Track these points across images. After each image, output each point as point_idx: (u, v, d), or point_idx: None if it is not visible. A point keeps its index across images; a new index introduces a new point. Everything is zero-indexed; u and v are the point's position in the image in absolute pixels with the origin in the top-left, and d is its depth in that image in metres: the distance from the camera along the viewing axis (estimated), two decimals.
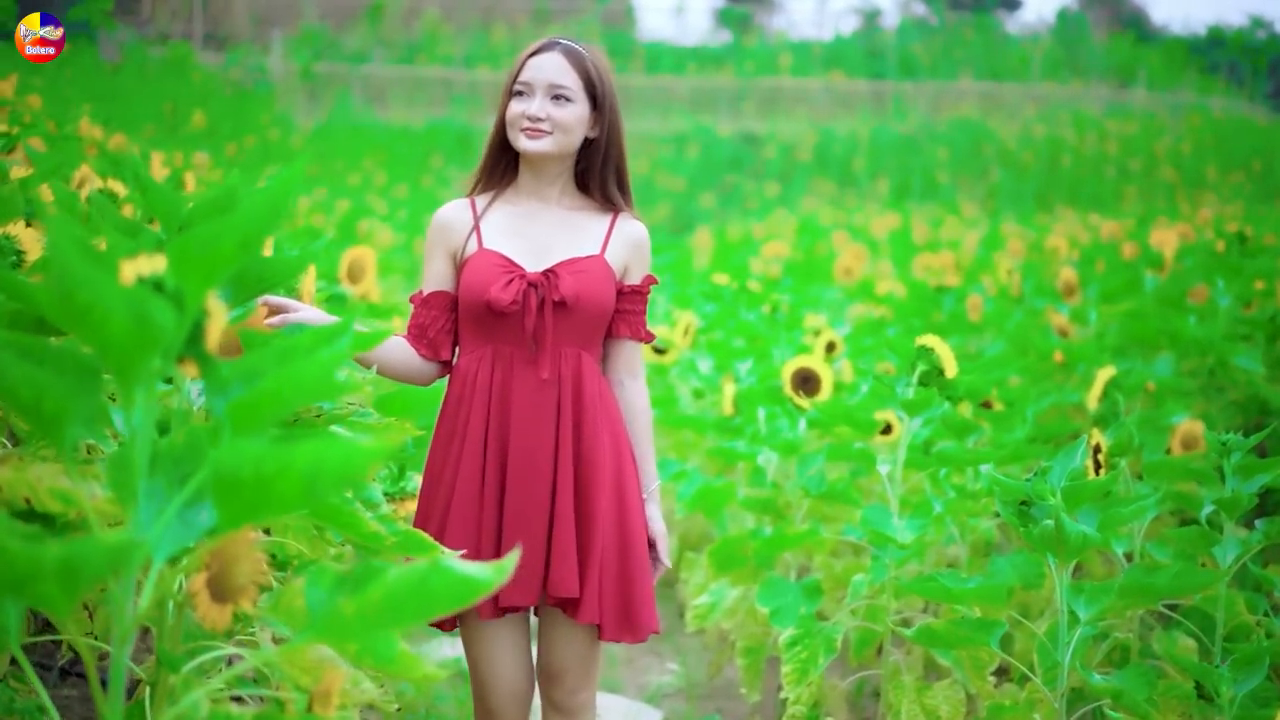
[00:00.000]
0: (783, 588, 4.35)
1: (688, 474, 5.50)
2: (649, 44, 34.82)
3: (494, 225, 3.21)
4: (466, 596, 1.78)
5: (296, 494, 1.65)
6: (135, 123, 16.56)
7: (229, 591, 2.10)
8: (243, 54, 26.80)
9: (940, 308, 9.05)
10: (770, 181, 26.02)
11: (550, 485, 3.10)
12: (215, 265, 1.70)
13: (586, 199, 3.26)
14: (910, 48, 33.54)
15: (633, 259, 3.23)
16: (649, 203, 23.89)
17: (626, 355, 3.26)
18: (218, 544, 2.10)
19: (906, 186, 25.32)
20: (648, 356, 6.76)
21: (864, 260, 12.57)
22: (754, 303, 7.77)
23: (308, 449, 1.61)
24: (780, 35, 38.16)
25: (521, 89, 3.14)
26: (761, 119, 29.94)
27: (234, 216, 1.69)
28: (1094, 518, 3.17)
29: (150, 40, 26.67)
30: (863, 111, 30.27)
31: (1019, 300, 9.05)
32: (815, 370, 4.74)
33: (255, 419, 1.77)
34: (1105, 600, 3.15)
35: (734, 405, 5.36)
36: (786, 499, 4.95)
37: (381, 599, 1.75)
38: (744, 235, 17.99)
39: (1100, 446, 3.81)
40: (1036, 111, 29.27)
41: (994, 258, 12.55)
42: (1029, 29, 41.99)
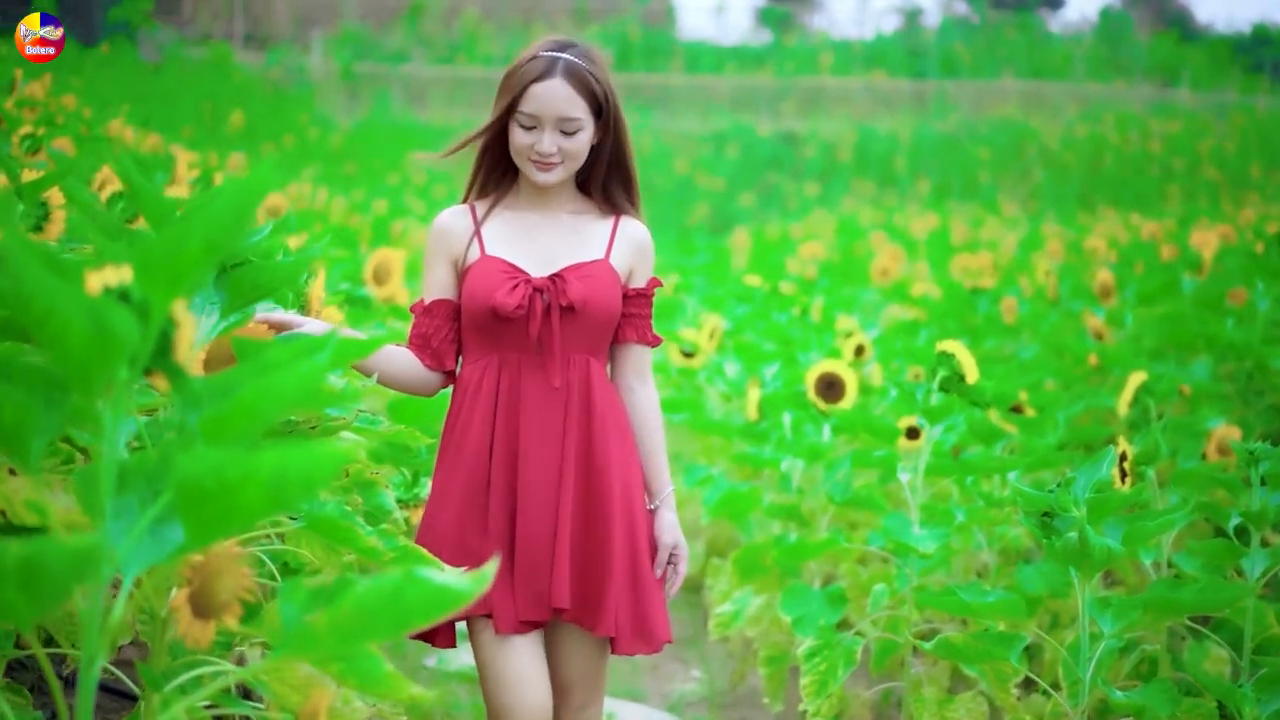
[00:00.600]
0: (806, 596, 4.27)
1: (713, 479, 5.43)
2: (689, 43, 34.74)
3: (496, 231, 3.14)
4: (443, 608, 1.72)
5: (262, 502, 1.59)
6: (174, 123, 16.61)
7: (212, 607, 2.05)
8: (283, 54, 26.88)
9: (975, 310, 8.95)
10: (810, 181, 25.92)
11: (556, 494, 3.03)
12: (179, 272, 1.64)
13: (589, 202, 3.19)
14: (952, 47, 33.33)
15: (637, 262, 3.17)
16: (688, 203, 23.84)
17: (634, 360, 3.18)
18: (200, 559, 2.05)
19: (947, 186, 25.16)
20: (676, 360, 6.69)
21: (901, 261, 12.46)
22: (785, 305, 7.69)
23: (271, 455, 1.55)
24: (821, 34, 38.05)
25: (528, 122, 3.03)
26: (802, 118, 29.83)
27: (195, 220, 1.63)
28: (1119, 530, 3.08)
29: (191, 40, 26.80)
30: (904, 111, 30.13)
31: (1055, 302, 8.93)
32: (839, 375, 4.67)
33: (229, 433, 1.70)
34: (1129, 615, 3.07)
35: (759, 410, 5.28)
36: (811, 506, 4.88)
37: (352, 612, 1.68)
38: (782, 235, 17.90)
39: (1127, 454, 3.73)
40: (1079, 111, 29.04)
41: (1032, 259, 12.42)
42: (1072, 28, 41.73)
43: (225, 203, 1.65)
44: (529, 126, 3.02)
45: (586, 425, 3.06)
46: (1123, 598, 3.14)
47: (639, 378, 3.19)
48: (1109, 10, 34.73)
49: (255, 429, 1.75)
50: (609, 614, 3.03)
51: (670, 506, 3.19)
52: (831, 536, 4.35)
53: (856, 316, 8.38)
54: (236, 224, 1.67)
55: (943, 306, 9.55)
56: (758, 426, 5.26)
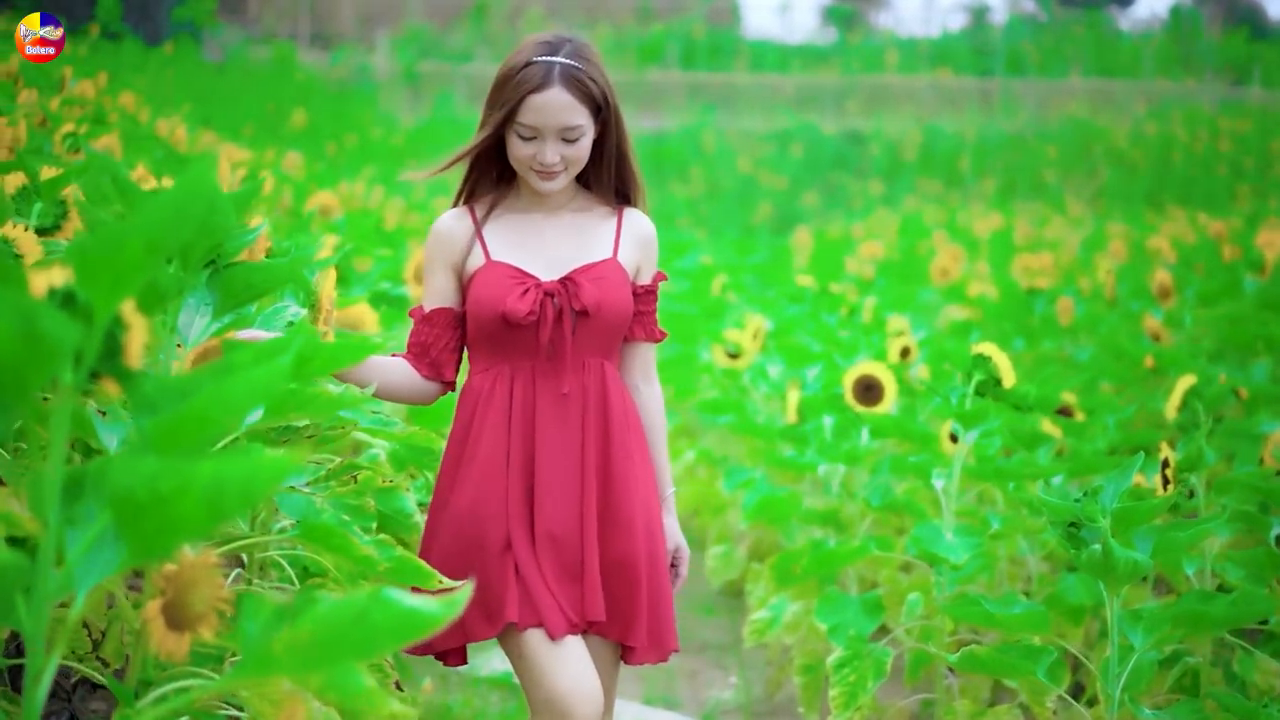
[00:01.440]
0: (842, 603, 4.18)
1: (753, 482, 5.34)
2: (754, 42, 34.58)
3: (499, 235, 3.05)
4: (412, 632, 1.64)
5: (200, 515, 1.51)
6: (235, 123, 16.67)
7: (186, 619, 1.97)
8: (347, 53, 26.95)
9: (1032, 311, 8.80)
10: (874, 180, 25.71)
11: (579, 505, 2.96)
12: (121, 273, 1.56)
13: (591, 197, 3.11)
14: (1019, 44, 33.01)
15: (643, 258, 3.10)
16: (751, 202, 23.71)
17: (641, 358, 3.12)
18: (173, 569, 1.98)
19: (1013, 186, 24.88)
20: (720, 360, 6.59)
21: (961, 261, 12.29)
22: (834, 306, 7.57)
23: (208, 467, 1.48)
24: (887, 32, 37.80)
25: (528, 133, 2.93)
26: (867, 117, 29.60)
27: (136, 220, 1.55)
28: (1149, 541, 2.96)
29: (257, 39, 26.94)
30: (970, 109, 29.85)
31: (1113, 303, 8.77)
32: (878, 378, 4.56)
33: (180, 441, 1.63)
34: (1160, 629, 2.95)
35: (799, 412, 5.17)
36: (850, 511, 4.77)
37: (313, 634, 1.61)
38: (843, 235, 17.74)
39: (1169, 461, 3.61)
40: (1148, 109, 28.65)
41: (1095, 259, 12.24)
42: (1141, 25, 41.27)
43: (168, 202, 1.58)
44: (529, 137, 2.93)
45: (604, 431, 2.99)
46: (1154, 610, 3.03)
47: (645, 377, 3.13)
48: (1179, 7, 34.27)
49: (209, 436, 1.67)
50: (639, 624, 2.97)
51: (670, 510, 3.14)
52: (863, 543, 4.24)
53: (909, 317, 8.23)
54: (180, 224, 1.59)
55: (1000, 307, 9.41)
56: (798, 429, 5.15)
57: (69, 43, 16.15)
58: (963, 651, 3.09)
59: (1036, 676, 3.03)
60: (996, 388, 3.74)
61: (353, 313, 4.80)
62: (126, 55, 17.67)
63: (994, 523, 3.95)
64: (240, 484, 1.49)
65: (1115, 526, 2.86)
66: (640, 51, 31.41)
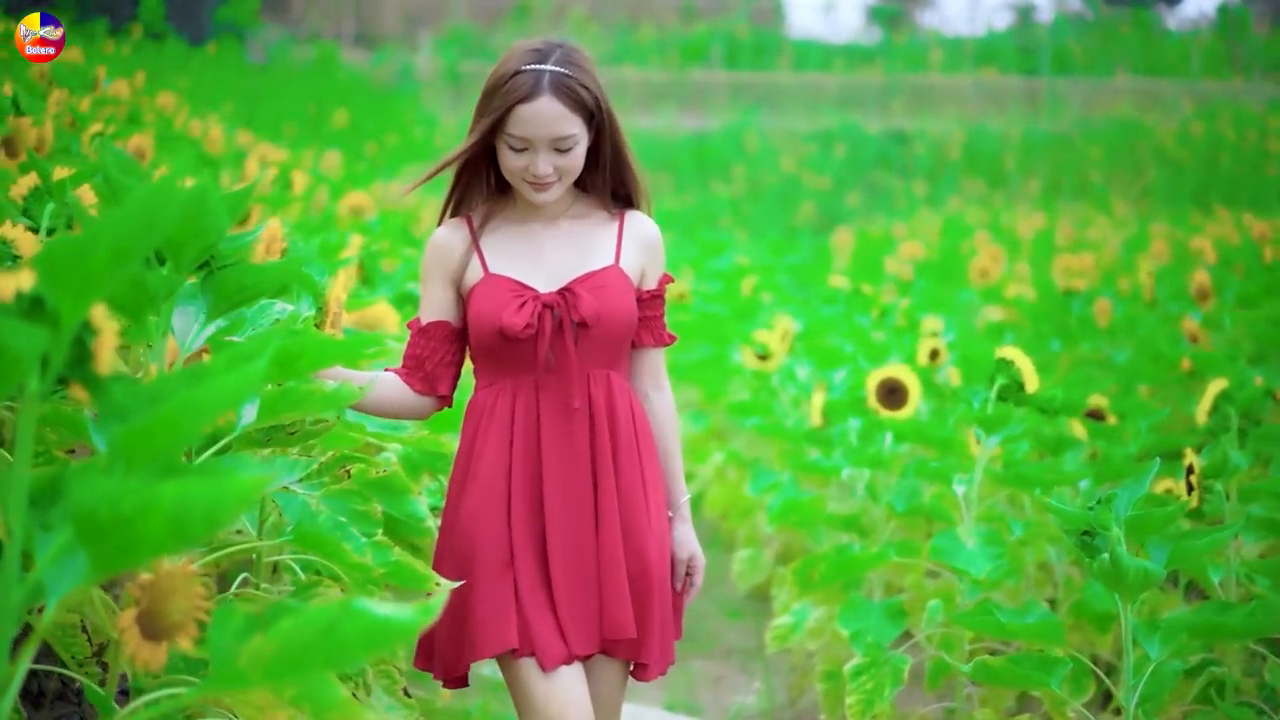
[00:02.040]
0: (865, 609, 4.13)
1: (779, 486, 5.29)
2: (798, 41, 34.46)
3: (497, 247, 2.98)
4: (384, 643, 1.60)
5: (163, 536, 1.48)
6: (277, 122, 16.71)
7: (163, 629, 1.94)
8: (390, 53, 27.00)
9: (1070, 312, 8.72)
10: (918, 180, 25.57)
11: (593, 520, 2.90)
12: (88, 278, 1.53)
13: (591, 202, 3.03)
14: (1065, 43, 32.78)
15: (648, 261, 3.03)
16: (794, 201, 23.62)
17: (651, 364, 3.06)
18: (149, 577, 1.95)
19: (1058, 186, 24.70)
20: (750, 362, 6.54)
21: (1001, 261, 12.19)
22: (867, 307, 7.52)
23: (172, 488, 1.44)
24: (932, 32, 37.61)
25: (519, 145, 2.84)
26: (911, 116, 29.45)
27: (102, 224, 1.52)
28: (1165, 550, 2.90)
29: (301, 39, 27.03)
30: (1015, 109, 29.65)
31: (1152, 305, 8.68)
32: (902, 381, 4.50)
33: (149, 450, 1.60)
34: (1176, 639, 2.89)
35: (823, 416, 5.12)
36: (874, 516, 4.72)
37: (280, 646, 1.58)
38: (884, 235, 17.65)
39: (1194, 467, 3.55)
40: (1195, 108, 28.37)
41: (1137, 260, 12.13)
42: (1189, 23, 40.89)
43: (135, 207, 1.55)
44: (519, 148, 2.85)
45: (613, 444, 2.92)
46: (1171, 620, 2.96)
47: (655, 383, 3.07)
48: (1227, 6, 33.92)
49: (177, 445, 1.64)
50: (652, 640, 2.93)
51: (685, 518, 3.07)
52: (882, 549, 4.19)
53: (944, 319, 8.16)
54: (148, 229, 1.56)
55: (1037, 309, 9.33)
56: (823, 433, 5.10)
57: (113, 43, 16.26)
58: (976, 662, 3.04)
59: (1050, 687, 2.97)
60: (1019, 392, 3.69)
61: (373, 312, 4.77)
62: (169, 55, 17.75)
63: (1016, 529, 3.88)
64: (205, 506, 1.46)
65: (1129, 534, 2.81)
66: (684, 51, 31.36)
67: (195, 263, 2.25)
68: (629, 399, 2.96)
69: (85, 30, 16.20)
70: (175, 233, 2.17)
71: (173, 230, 2.16)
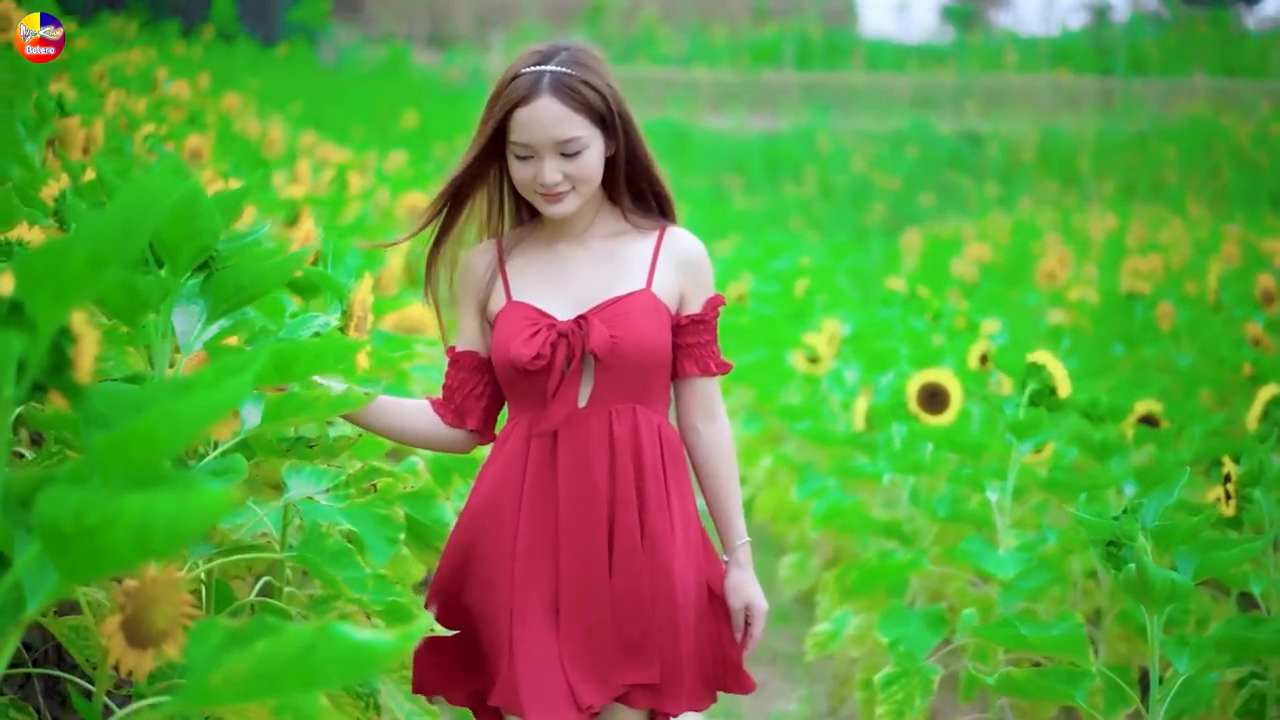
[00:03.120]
0: (905, 617, 4.08)
1: (825, 490, 5.26)
2: (871, 42, 34.30)
3: (522, 271, 2.78)
4: (361, 668, 1.59)
5: (128, 549, 1.47)
6: (346, 123, 16.80)
7: (149, 636, 1.95)
8: (461, 54, 27.10)
9: (1132, 316, 8.62)
10: (991, 181, 25.39)
11: (607, 564, 2.69)
12: (65, 285, 1.53)
13: (624, 219, 2.79)
14: (1140, 43, 32.45)
15: (688, 282, 2.77)
16: (864, 202, 23.51)
17: (699, 395, 2.79)
18: (134, 584, 1.95)
19: (1133, 187, 24.45)
20: (801, 365, 6.51)
21: (1069, 264, 12.07)
22: (922, 310, 7.46)
23: (136, 502, 1.43)
24: (1006, 31, 37.33)
25: (523, 152, 2.66)
26: (984, 117, 29.23)
27: (79, 232, 1.52)
28: (1192, 561, 2.85)
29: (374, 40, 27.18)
30: (1089, 109, 29.38)
31: (1217, 308, 8.56)
32: (943, 385, 4.45)
33: (127, 460, 1.59)
34: (1204, 655, 2.84)
35: (866, 420, 5.08)
36: (917, 523, 4.68)
37: (254, 667, 1.56)
38: (953, 236, 17.52)
39: (1231, 475, 3.49)
40: (1272, 109, 27.99)
41: (1207, 262, 11.98)
42: (1267, 23, 40.33)
43: (114, 213, 1.55)
44: (525, 156, 2.67)
45: (638, 484, 2.70)
46: (1200, 637, 2.91)
47: (705, 416, 2.80)
48: None
49: (157, 457, 1.63)
50: (681, 691, 2.74)
51: (741, 563, 2.82)
52: (916, 556, 4.15)
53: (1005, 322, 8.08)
54: (126, 235, 1.56)
55: (1101, 312, 9.23)
56: (867, 438, 5.06)
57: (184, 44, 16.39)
58: (1001, 674, 3.00)
59: (1076, 700, 2.92)
60: (1051, 397, 3.64)
61: (413, 314, 4.76)
62: (240, 56, 17.90)
63: (1050, 537, 3.83)
64: (169, 520, 1.44)
65: (1155, 545, 2.76)
66: (755, 52, 31.28)
67: (192, 264, 2.25)
68: (658, 434, 2.73)
69: (157, 31, 16.36)
70: (169, 235, 2.18)
71: (165, 232, 2.17)
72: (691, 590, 2.73)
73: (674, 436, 2.78)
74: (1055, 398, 3.64)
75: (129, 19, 15.84)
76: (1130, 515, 2.76)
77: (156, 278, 2.27)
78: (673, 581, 2.70)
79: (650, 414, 2.73)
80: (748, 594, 2.80)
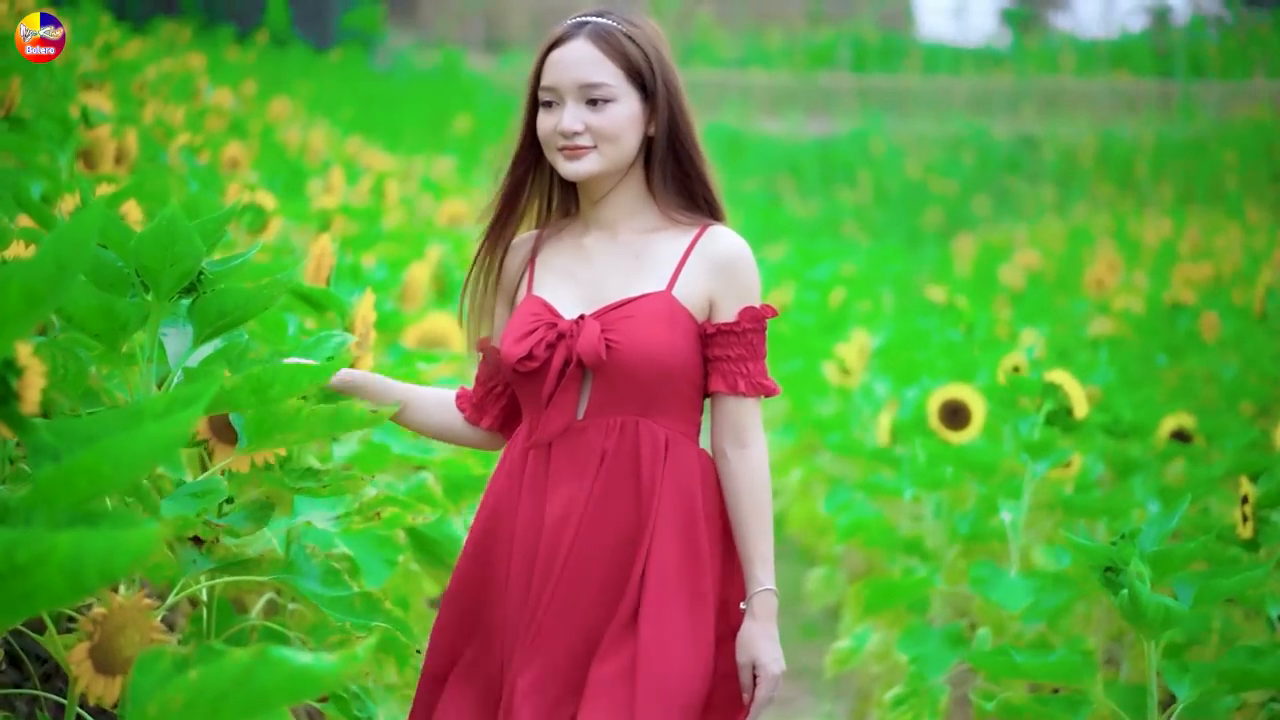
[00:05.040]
0: (925, 634, 4.06)
1: (851, 504, 5.22)
2: (927, 45, 34.14)
3: (548, 263, 2.59)
4: (303, 692, 1.58)
5: (61, 586, 1.46)
6: (397, 128, 16.86)
7: (117, 663, 1.96)
8: (516, 58, 27.15)
9: (1176, 326, 8.54)
10: (1047, 185, 25.22)
11: (579, 594, 2.45)
12: (1, 321, 1.54)
13: (666, 214, 2.54)
14: (1201, 46, 32.15)
15: (720, 287, 2.50)
16: (919, 207, 23.41)
17: (730, 416, 2.51)
18: (103, 612, 1.96)
19: (1191, 192, 24.23)
20: (834, 376, 6.47)
21: (1118, 271, 11.95)
22: (956, 320, 7.41)
23: (67, 539, 1.43)
24: (1064, 34, 37.07)
25: (548, 97, 2.47)
26: (1041, 120, 29.04)
27: (14, 269, 1.52)
28: (1191, 588, 2.80)
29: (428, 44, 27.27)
30: (1148, 113, 29.12)
31: (1263, 319, 8.45)
32: (965, 401, 4.41)
33: (70, 495, 1.58)
34: (1205, 684, 2.80)
35: (891, 435, 5.05)
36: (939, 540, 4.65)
37: (193, 694, 1.55)
38: (1006, 242, 17.42)
39: (1249, 496, 3.44)
40: None
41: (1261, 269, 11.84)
42: None
43: (48, 251, 1.55)
44: (549, 103, 2.48)
45: (632, 504, 2.46)
46: (1201, 664, 2.87)
47: (735, 440, 2.51)
48: None
49: (101, 491, 1.63)
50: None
51: (756, 614, 2.48)
52: (928, 574, 4.12)
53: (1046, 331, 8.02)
54: (60, 273, 1.55)
55: (1146, 322, 9.14)
56: (891, 452, 5.03)
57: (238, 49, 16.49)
58: (999, 699, 2.96)
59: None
60: (1067, 417, 3.60)
61: (436, 326, 4.75)
62: (293, 62, 17.99)
63: (1064, 559, 3.80)
64: (99, 558, 1.44)
65: (1154, 571, 2.72)
66: (810, 55, 31.19)
67: (176, 288, 2.26)
68: (662, 453, 2.47)
69: (210, 37, 16.47)
70: (148, 259, 2.20)
71: (145, 257, 2.19)
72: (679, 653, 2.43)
73: (691, 458, 2.51)
74: (1071, 418, 3.60)
75: (183, 25, 15.96)
76: (1127, 541, 2.72)
77: (140, 301, 2.28)
78: (660, 630, 2.42)
79: (657, 429, 2.47)
80: (756, 650, 2.47)
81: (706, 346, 2.51)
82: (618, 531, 2.46)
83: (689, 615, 2.45)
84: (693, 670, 2.43)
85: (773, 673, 2.46)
